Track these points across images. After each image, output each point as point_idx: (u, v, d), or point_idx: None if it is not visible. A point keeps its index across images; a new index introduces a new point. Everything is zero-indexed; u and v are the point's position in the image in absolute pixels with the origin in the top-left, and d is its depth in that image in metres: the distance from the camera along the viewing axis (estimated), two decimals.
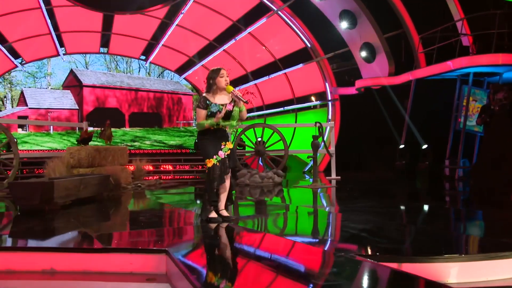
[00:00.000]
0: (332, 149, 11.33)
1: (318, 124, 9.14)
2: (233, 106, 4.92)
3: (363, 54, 13.18)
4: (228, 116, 4.91)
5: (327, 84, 15.54)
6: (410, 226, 5.00)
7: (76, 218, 5.68)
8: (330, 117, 15.34)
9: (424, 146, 10.42)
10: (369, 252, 3.54)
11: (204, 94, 4.97)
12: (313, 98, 16.19)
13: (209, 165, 4.87)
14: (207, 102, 4.88)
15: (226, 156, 4.94)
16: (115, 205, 7.22)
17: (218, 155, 4.89)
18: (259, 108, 17.94)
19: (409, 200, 7.93)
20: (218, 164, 4.87)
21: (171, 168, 14.50)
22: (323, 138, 9.37)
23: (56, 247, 3.82)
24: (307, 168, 15.16)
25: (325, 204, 7.30)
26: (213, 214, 4.96)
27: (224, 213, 5.02)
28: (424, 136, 10.95)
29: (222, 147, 4.94)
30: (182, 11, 15.41)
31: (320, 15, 13.96)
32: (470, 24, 10.97)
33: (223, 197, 5.03)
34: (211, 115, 4.84)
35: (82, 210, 6.35)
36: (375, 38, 12.91)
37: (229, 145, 5.01)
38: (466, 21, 10.86)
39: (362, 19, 12.92)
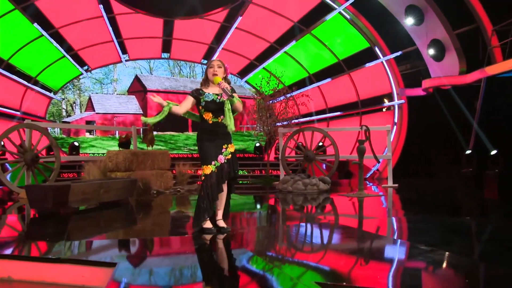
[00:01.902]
0: (389, 154, 10.57)
1: (364, 128, 8.49)
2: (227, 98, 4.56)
3: (431, 51, 12.29)
4: (220, 107, 4.56)
5: (393, 85, 14.70)
6: (424, 251, 3.75)
7: (75, 224, 5.63)
8: (396, 120, 14.50)
9: (493, 152, 9.30)
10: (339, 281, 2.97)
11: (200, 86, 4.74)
12: (385, 100, 15.25)
13: (207, 171, 4.51)
14: (200, 91, 4.62)
15: (226, 161, 4.58)
16: (133, 211, 7.05)
17: (217, 160, 4.54)
18: (322, 112, 17.34)
19: (459, 214, 6.91)
20: (215, 170, 4.52)
21: None
22: (370, 142, 8.69)
23: (14, 255, 3.76)
24: (369, 174, 14.35)
25: (350, 216, 6.61)
26: (208, 224, 4.60)
27: (221, 223, 4.67)
28: (496, 140, 9.78)
29: (223, 151, 4.59)
30: (241, 14, 15.24)
31: (385, 12, 13.25)
32: None
33: (221, 205, 4.69)
34: (205, 105, 4.55)
35: (96, 215, 6.33)
36: (444, 34, 12.01)
37: (231, 148, 4.66)
38: None
39: (430, 14, 12.03)
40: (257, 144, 17.46)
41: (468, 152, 9.75)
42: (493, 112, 10.10)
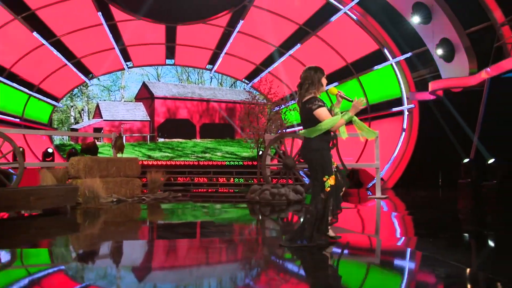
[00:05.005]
0: (377, 163, 9.76)
1: (332, 135, 7.71)
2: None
3: (440, 52, 11.36)
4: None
5: (403, 89, 13.74)
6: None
7: None
8: (405, 126, 13.53)
9: (491, 161, 8.14)
10: None
11: (313, 95, 4.36)
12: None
13: (333, 182, 4.24)
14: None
15: (336, 166, 4.46)
16: (63, 220, 6.49)
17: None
18: None
19: (420, 229, 6.03)
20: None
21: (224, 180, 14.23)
22: (338, 150, 7.94)
23: None
24: (371, 184, 13.38)
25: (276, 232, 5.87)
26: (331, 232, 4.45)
27: (331, 233, 4.47)
28: (498, 148, 8.61)
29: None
30: (242, 18, 14.57)
31: (393, 11, 12.37)
32: None
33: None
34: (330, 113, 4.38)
35: (13, 224, 5.97)
36: (453, 33, 11.03)
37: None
38: None
39: (437, 12, 11.08)
40: (260, 152, 16.71)
41: (466, 160, 8.66)
42: (499, 116, 9.00)
